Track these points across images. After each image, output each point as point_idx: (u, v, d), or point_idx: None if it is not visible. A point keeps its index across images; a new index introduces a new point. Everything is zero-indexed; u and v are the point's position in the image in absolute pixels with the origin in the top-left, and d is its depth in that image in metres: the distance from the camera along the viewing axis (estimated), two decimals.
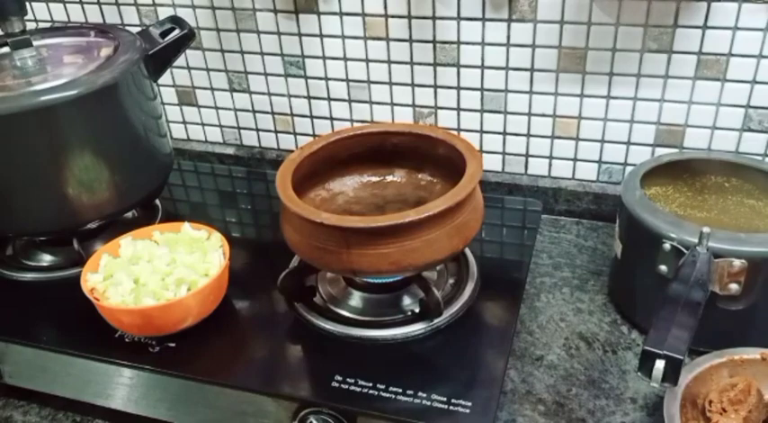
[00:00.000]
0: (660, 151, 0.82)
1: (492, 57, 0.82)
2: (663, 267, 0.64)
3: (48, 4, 0.99)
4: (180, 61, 0.90)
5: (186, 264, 0.68)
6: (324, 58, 0.90)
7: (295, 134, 0.99)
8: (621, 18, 0.76)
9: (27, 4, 0.77)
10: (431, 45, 0.84)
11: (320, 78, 0.92)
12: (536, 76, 0.82)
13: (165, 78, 0.98)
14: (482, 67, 0.83)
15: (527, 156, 0.88)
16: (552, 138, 0.86)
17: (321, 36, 0.88)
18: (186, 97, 1.01)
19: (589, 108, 0.82)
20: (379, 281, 0.69)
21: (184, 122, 1.03)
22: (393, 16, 0.84)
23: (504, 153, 0.89)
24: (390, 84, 0.89)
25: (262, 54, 0.93)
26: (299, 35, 0.89)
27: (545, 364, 0.67)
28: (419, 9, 0.82)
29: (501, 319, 0.68)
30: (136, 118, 0.74)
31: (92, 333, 0.66)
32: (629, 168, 0.85)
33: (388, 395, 0.58)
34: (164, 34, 0.80)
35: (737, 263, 0.60)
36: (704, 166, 0.74)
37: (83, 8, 0.98)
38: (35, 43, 0.75)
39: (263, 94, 0.96)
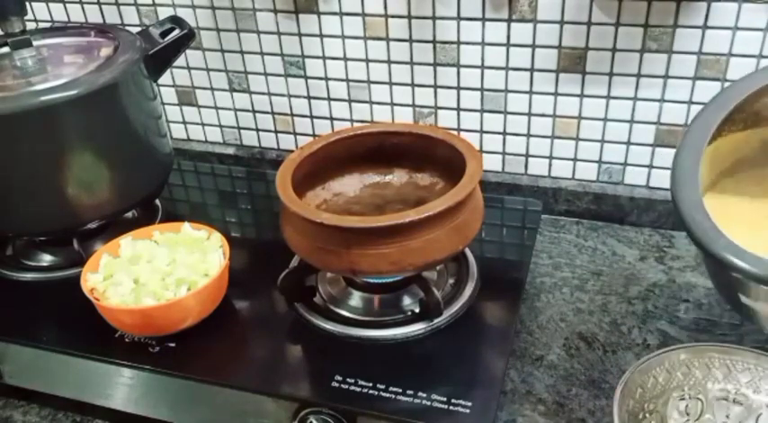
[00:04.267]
0: (660, 151, 0.82)
1: (492, 57, 0.82)
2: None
3: (48, 4, 0.99)
4: (180, 61, 0.90)
5: (186, 264, 0.68)
6: (324, 58, 0.90)
7: (295, 134, 0.99)
8: (621, 18, 0.76)
9: (27, 4, 0.77)
10: (431, 45, 0.84)
11: (320, 78, 0.92)
12: (536, 76, 0.82)
13: (165, 78, 0.98)
14: (482, 67, 0.83)
15: (527, 156, 0.89)
16: (552, 138, 0.86)
17: (321, 36, 0.88)
18: (186, 97, 1.01)
19: (589, 108, 0.82)
20: (379, 281, 0.69)
21: (184, 122, 1.03)
22: (393, 16, 0.84)
23: (504, 153, 0.89)
24: (390, 84, 0.89)
25: (262, 54, 0.93)
26: (299, 35, 0.89)
27: (545, 364, 0.67)
28: (419, 9, 0.82)
29: (501, 319, 0.68)
30: (136, 118, 0.74)
31: (92, 333, 0.66)
32: (629, 168, 0.85)
33: (388, 395, 0.58)
34: (164, 34, 0.80)
35: None
36: None
37: (83, 8, 0.98)
38: (35, 43, 0.75)
39: (263, 94, 0.96)
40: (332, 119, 0.95)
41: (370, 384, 0.59)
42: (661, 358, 0.59)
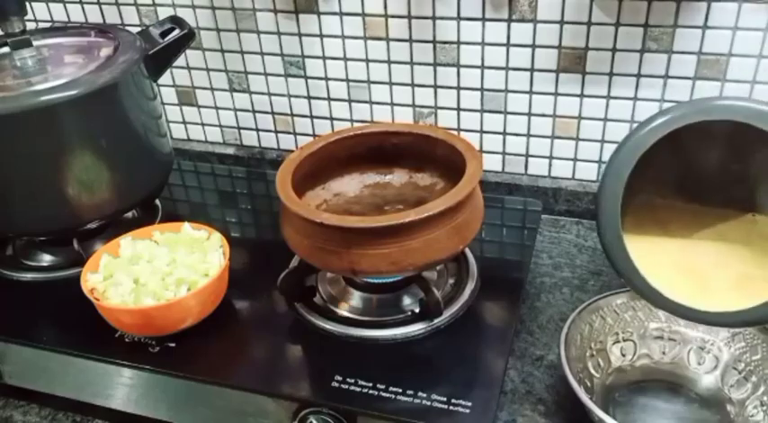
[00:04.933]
0: None
1: (492, 57, 0.82)
2: None
3: (48, 4, 0.99)
4: (180, 61, 0.90)
5: (186, 264, 0.68)
6: (324, 58, 0.90)
7: (295, 134, 0.99)
8: (621, 18, 0.76)
9: (27, 4, 0.77)
10: (431, 45, 0.84)
11: (320, 78, 0.92)
12: (536, 76, 0.82)
13: (165, 78, 0.98)
14: (482, 67, 0.83)
15: (527, 156, 0.88)
16: (552, 138, 0.86)
17: (321, 36, 0.88)
18: (186, 97, 1.01)
19: (589, 108, 0.82)
20: (379, 281, 0.69)
21: (184, 122, 1.03)
22: (393, 16, 0.84)
23: (504, 153, 0.89)
24: (390, 84, 0.89)
25: (262, 54, 0.93)
26: (299, 35, 0.89)
27: (545, 364, 0.67)
28: (419, 9, 0.82)
29: (501, 319, 0.68)
30: (136, 118, 0.74)
31: (92, 333, 0.66)
32: None
33: (388, 395, 0.58)
34: (164, 34, 0.80)
35: None
36: None
37: (83, 8, 0.98)
38: (35, 43, 0.75)
39: (263, 94, 0.96)
40: (332, 119, 0.95)
41: (370, 384, 0.59)
42: (608, 300, 0.65)
